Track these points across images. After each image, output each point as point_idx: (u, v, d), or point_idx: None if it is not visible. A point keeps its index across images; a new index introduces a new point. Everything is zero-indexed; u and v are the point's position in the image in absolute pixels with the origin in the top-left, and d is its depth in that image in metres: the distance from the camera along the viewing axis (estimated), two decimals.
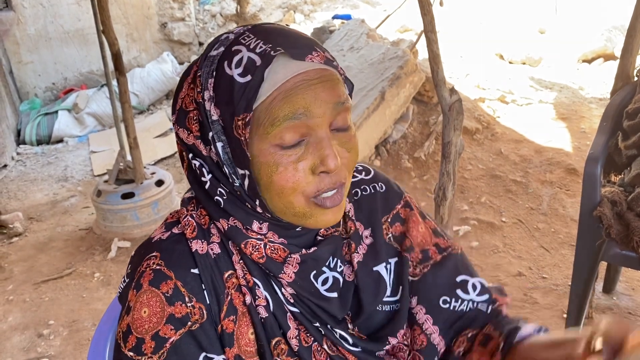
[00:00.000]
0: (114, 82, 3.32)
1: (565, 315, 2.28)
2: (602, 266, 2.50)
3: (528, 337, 0.83)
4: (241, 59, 0.71)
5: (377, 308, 0.89)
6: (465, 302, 0.91)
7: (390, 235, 0.93)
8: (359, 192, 0.95)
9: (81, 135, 5.03)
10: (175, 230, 0.81)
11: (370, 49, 4.06)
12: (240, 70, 0.71)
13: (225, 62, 0.72)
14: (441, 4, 3.36)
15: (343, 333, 0.84)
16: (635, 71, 2.30)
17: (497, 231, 3.10)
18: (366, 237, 0.91)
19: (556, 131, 4.18)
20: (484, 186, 3.53)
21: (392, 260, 0.91)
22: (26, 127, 4.95)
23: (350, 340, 0.84)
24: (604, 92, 4.77)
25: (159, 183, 3.36)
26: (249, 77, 0.70)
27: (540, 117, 4.42)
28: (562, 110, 4.54)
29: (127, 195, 3.24)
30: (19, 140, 4.94)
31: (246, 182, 0.75)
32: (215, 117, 0.73)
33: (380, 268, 0.90)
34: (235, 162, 0.75)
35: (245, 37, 0.74)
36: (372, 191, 0.96)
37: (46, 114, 5.03)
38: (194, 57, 6.17)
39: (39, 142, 4.93)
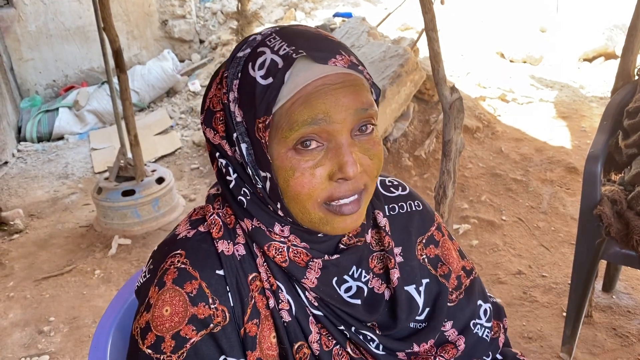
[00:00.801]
0: (115, 80, 3.32)
1: (564, 314, 2.29)
2: (602, 265, 2.50)
3: None
4: (264, 61, 0.71)
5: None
6: (479, 327, 0.94)
7: (425, 256, 0.93)
8: (396, 208, 0.94)
9: (82, 132, 5.03)
10: (202, 229, 0.80)
11: (371, 47, 4.06)
12: (262, 72, 0.70)
13: (250, 64, 0.72)
14: (442, 2, 3.37)
15: (368, 334, 0.83)
16: (635, 70, 2.30)
17: (497, 229, 3.10)
18: (396, 254, 0.90)
19: (557, 130, 4.19)
20: (485, 185, 3.53)
21: (424, 281, 0.91)
22: (27, 124, 4.95)
23: (376, 341, 0.83)
24: (605, 91, 4.77)
25: (160, 180, 3.36)
26: (270, 80, 0.70)
27: (540, 116, 4.42)
28: (563, 109, 4.55)
29: (128, 193, 3.25)
30: (20, 138, 4.95)
31: (267, 184, 0.74)
32: (239, 119, 0.73)
33: (410, 289, 0.89)
34: (258, 164, 0.74)
35: (271, 39, 0.73)
36: (409, 210, 0.95)
37: (47, 111, 5.03)
38: (194, 55, 6.17)
39: (40, 139, 4.93)
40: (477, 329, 0.94)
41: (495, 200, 3.38)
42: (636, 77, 2.29)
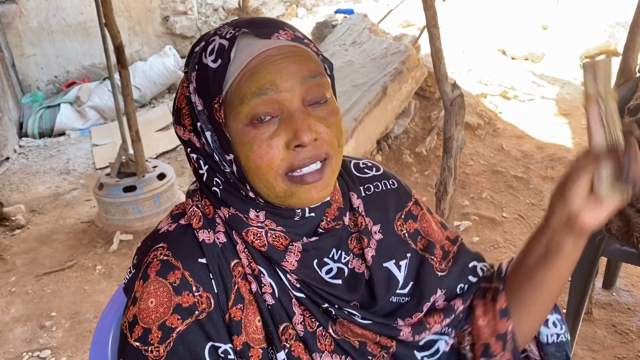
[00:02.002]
0: (116, 76, 3.32)
1: (564, 311, 2.29)
2: (603, 262, 2.50)
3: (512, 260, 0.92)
4: (214, 47, 0.74)
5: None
6: (474, 285, 0.96)
7: (405, 231, 0.94)
8: (372, 188, 0.95)
9: (83, 128, 5.03)
10: (182, 222, 0.82)
11: (373, 44, 4.06)
12: (212, 57, 0.74)
13: (203, 54, 0.76)
14: None
15: (352, 311, 0.84)
16: (637, 67, 2.30)
17: (498, 226, 3.10)
18: (375, 232, 0.91)
19: (558, 127, 4.19)
20: (485, 182, 3.53)
21: (408, 255, 0.93)
22: (28, 120, 4.95)
23: (360, 317, 0.84)
24: None
25: (161, 176, 3.36)
26: (219, 61, 0.73)
27: (542, 113, 4.42)
28: (564, 106, 4.54)
29: (129, 189, 3.25)
30: (21, 133, 4.95)
31: (234, 167, 0.76)
32: (200, 107, 0.76)
33: (390, 265, 0.90)
34: (222, 148, 0.76)
35: (222, 29, 0.77)
36: (384, 188, 0.96)
37: (48, 107, 5.03)
38: None
39: (41, 135, 4.93)
40: (467, 286, 0.95)
41: (496, 197, 3.38)
42: (637, 74, 2.29)
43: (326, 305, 0.82)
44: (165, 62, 5.48)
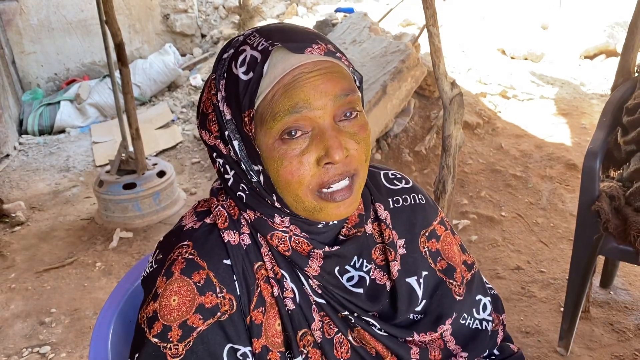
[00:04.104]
0: (117, 73, 3.33)
1: (562, 309, 2.30)
2: (600, 260, 2.51)
3: None
4: (245, 58, 0.73)
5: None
6: (477, 321, 0.96)
7: (427, 249, 0.94)
8: (400, 201, 0.95)
9: (83, 125, 5.04)
10: (208, 220, 0.82)
11: (373, 43, 4.06)
12: (244, 68, 0.73)
13: (233, 63, 0.75)
14: None
15: (370, 320, 0.84)
16: (635, 67, 2.31)
17: (497, 225, 3.11)
18: (399, 247, 0.91)
19: (557, 127, 4.19)
20: (484, 180, 3.54)
21: (424, 273, 0.93)
22: (28, 117, 4.96)
23: (377, 326, 0.85)
24: (606, 88, 4.77)
25: (161, 174, 3.37)
26: (251, 74, 0.72)
27: (541, 113, 4.43)
28: (563, 105, 4.55)
29: (129, 186, 3.26)
30: (21, 131, 4.96)
31: (261, 177, 0.76)
32: (228, 117, 0.76)
33: (412, 281, 0.91)
34: (250, 159, 0.76)
35: (252, 37, 0.75)
36: (413, 202, 0.96)
37: (48, 105, 5.04)
38: (196, 49, 6.17)
39: (41, 133, 4.94)
40: (476, 324, 0.96)
41: (495, 196, 3.39)
42: (636, 74, 2.30)
43: (346, 313, 0.82)
44: (165, 60, 5.48)
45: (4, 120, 4.53)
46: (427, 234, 0.95)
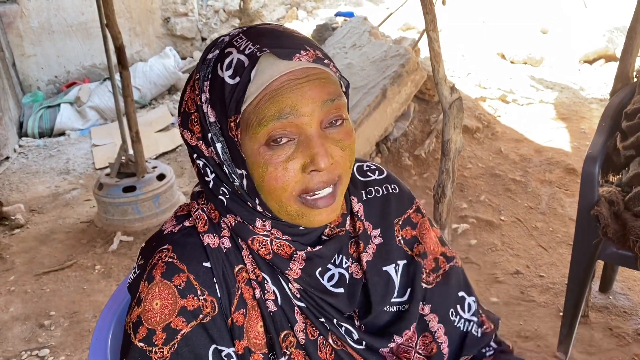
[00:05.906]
0: (117, 76, 3.33)
1: (561, 314, 2.30)
2: (599, 265, 2.52)
3: None
4: (231, 61, 0.72)
5: (385, 308, 0.91)
6: (462, 321, 0.95)
7: (400, 237, 0.94)
8: (372, 192, 0.95)
9: (83, 128, 5.04)
10: (187, 224, 0.82)
11: (373, 47, 4.07)
12: (230, 72, 0.72)
13: (219, 65, 0.74)
14: (444, 2, 3.36)
15: (349, 327, 0.84)
16: (634, 72, 2.31)
17: (496, 229, 3.11)
18: (375, 237, 0.92)
19: (556, 131, 4.20)
20: (484, 185, 3.54)
21: (401, 262, 0.93)
22: (28, 119, 4.96)
23: (356, 336, 0.85)
24: (605, 93, 4.78)
25: (161, 177, 3.37)
26: (237, 79, 0.71)
27: (540, 117, 4.43)
28: (563, 110, 4.56)
29: (129, 189, 3.26)
30: (22, 133, 4.96)
31: (244, 181, 0.76)
32: (212, 119, 0.75)
33: (390, 269, 0.91)
34: (233, 162, 0.76)
35: (238, 39, 0.75)
36: (385, 192, 0.96)
37: (49, 107, 5.04)
38: (196, 53, 6.19)
39: (41, 135, 4.94)
40: (461, 323, 0.95)
41: (494, 200, 3.39)
42: (635, 79, 2.30)
43: (322, 320, 0.83)
44: (165, 63, 5.49)
45: (4, 123, 4.53)
46: (400, 223, 0.95)
